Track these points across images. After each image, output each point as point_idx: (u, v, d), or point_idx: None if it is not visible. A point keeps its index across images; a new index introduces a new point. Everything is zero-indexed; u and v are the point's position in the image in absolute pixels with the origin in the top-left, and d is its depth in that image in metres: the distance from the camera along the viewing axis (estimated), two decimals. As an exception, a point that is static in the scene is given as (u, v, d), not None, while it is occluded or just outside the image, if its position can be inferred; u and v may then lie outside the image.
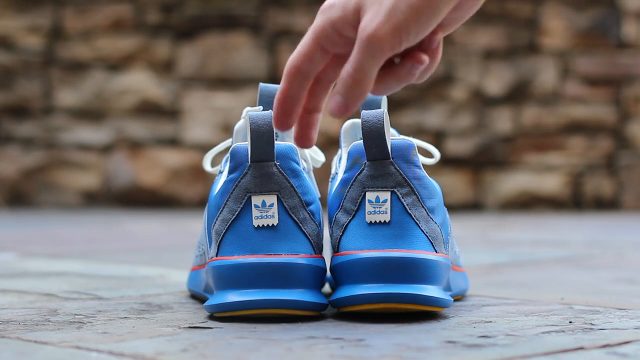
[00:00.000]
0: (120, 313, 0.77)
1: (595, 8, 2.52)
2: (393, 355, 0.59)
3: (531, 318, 0.73)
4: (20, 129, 2.54)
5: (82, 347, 0.62)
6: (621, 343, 0.63)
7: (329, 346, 0.62)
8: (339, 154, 0.82)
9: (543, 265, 1.19)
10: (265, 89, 0.81)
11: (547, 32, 2.51)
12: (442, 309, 0.73)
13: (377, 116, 0.72)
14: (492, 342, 0.64)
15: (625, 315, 0.75)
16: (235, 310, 0.71)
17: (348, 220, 0.73)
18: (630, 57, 2.52)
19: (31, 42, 2.53)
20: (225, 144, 0.83)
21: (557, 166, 2.52)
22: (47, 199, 2.53)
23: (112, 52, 2.53)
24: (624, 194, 2.52)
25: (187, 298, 0.86)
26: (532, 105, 2.51)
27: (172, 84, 2.52)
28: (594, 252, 1.36)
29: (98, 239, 1.67)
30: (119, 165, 2.54)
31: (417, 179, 0.73)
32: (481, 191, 2.52)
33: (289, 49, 2.49)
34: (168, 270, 1.12)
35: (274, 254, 0.71)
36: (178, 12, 2.52)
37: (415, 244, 0.72)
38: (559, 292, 0.91)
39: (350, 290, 0.71)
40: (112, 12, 2.52)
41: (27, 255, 1.31)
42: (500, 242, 1.58)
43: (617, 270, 1.13)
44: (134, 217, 2.24)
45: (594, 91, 2.51)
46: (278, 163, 0.72)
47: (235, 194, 0.72)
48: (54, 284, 0.97)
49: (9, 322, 0.72)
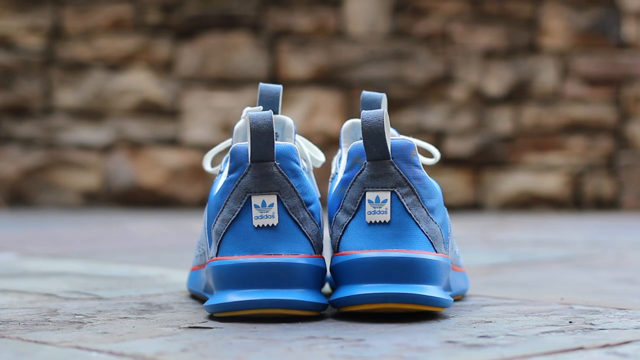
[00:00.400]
0: (120, 313, 0.77)
1: (595, 8, 2.52)
2: (393, 355, 0.59)
3: (531, 318, 0.73)
4: (20, 129, 2.54)
5: (82, 347, 0.62)
6: (621, 343, 0.63)
7: (329, 346, 0.62)
8: (339, 154, 0.82)
9: (543, 265, 1.19)
10: (265, 89, 0.81)
11: (547, 32, 2.51)
12: (442, 309, 0.73)
13: (377, 116, 0.72)
14: (492, 342, 0.64)
15: (625, 315, 0.75)
16: (235, 310, 0.71)
17: (348, 220, 0.73)
18: (630, 57, 2.52)
19: (31, 42, 2.53)
20: (225, 144, 0.83)
21: (557, 166, 2.52)
22: (47, 199, 2.53)
23: (112, 52, 2.53)
24: (624, 194, 2.52)
25: (187, 298, 0.86)
26: (532, 105, 2.51)
27: (172, 84, 2.52)
28: (594, 252, 1.36)
29: (98, 239, 1.67)
30: (119, 165, 2.54)
31: (417, 179, 0.73)
32: (481, 191, 2.52)
33: (289, 49, 2.49)
34: (168, 270, 1.12)
35: (274, 254, 0.71)
36: (178, 12, 2.52)
37: (415, 244, 0.72)
38: (559, 292, 0.91)
39: (350, 290, 0.72)
40: (112, 12, 2.52)
41: (27, 255, 1.30)
42: (500, 242, 1.58)
43: (617, 270, 1.13)
44: (134, 217, 2.24)
45: (594, 91, 2.51)
46: (278, 163, 0.72)
47: (235, 194, 0.72)
48: (54, 284, 0.97)
49: (9, 322, 0.72)
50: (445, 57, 2.50)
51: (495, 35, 2.50)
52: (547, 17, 2.51)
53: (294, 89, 2.48)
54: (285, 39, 2.50)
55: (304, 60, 2.49)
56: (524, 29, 2.51)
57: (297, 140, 0.81)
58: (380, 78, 2.48)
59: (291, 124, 0.80)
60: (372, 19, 2.49)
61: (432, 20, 2.50)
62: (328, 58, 2.49)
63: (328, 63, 2.49)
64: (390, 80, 2.48)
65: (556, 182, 2.51)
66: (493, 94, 2.51)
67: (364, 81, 2.47)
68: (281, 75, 2.50)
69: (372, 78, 2.48)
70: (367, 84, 2.46)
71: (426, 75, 2.49)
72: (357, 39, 2.49)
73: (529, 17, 2.51)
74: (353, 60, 2.49)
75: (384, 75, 2.48)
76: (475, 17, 2.50)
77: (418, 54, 2.49)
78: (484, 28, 2.50)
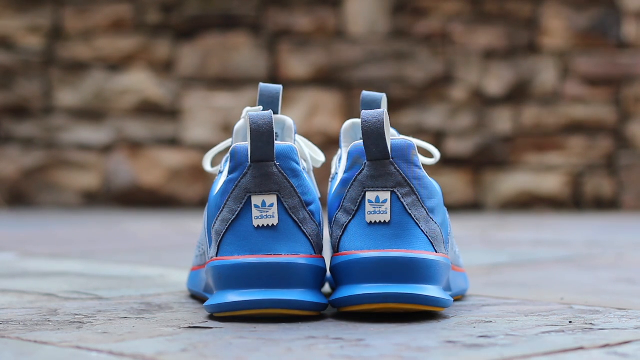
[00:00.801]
0: (120, 313, 0.77)
1: (595, 8, 2.52)
2: (393, 355, 0.59)
3: (531, 318, 0.73)
4: (20, 129, 2.54)
5: (82, 347, 0.62)
6: (621, 343, 0.63)
7: (329, 346, 0.62)
8: (339, 154, 0.82)
9: (543, 265, 1.19)
10: (265, 89, 0.81)
11: (547, 32, 2.51)
12: (442, 309, 0.73)
13: (377, 116, 0.72)
14: (492, 342, 0.64)
15: (625, 315, 0.75)
16: (235, 310, 0.71)
17: (348, 220, 0.73)
18: (630, 57, 2.52)
19: (31, 42, 2.53)
20: (225, 144, 0.83)
21: (557, 166, 2.52)
22: (47, 199, 2.53)
23: (112, 52, 2.53)
24: (624, 194, 2.52)
25: (187, 298, 0.86)
26: (532, 105, 2.51)
27: (172, 84, 2.52)
28: (594, 252, 1.36)
29: (98, 239, 1.67)
30: (119, 165, 2.54)
31: (417, 179, 0.73)
32: (481, 191, 2.52)
33: (289, 49, 2.50)
34: (168, 270, 1.12)
35: (274, 254, 0.71)
36: (178, 12, 2.52)
37: (415, 244, 0.72)
38: (559, 292, 0.91)
39: (350, 290, 0.72)
40: (112, 12, 2.52)
41: (27, 255, 1.30)
42: (500, 242, 1.58)
43: (617, 270, 1.13)
44: (134, 217, 2.24)
45: (594, 91, 2.51)
46: (278, 163, 0.72)
47: (235, 194, 0.72)
48: (54, 284, 0.97)
49: (9, 322, 0.72)
50: (445, 57, 2.50)
51: (495, 35, 2.50)
52: (547, 17, 2.51)
53: (294, 89, 2.48)
54: (285, 39, 2.50)
55: (304, 60, 2.49)
56: (524, 29, 2.51)
57: (297, 140, 0.81)
58: (380, 78, 2.48)
59: (291, 124, 0.80)
60: (372, 19, 2.49)
61: (432, 20, 2.50)
62: (328, 58, 2.49)
63: (328, 63, 2.49)
64: (390, 80, 2.48)
65: (556, 182, 2.51)
66: (493, 94, 2.51)
67: (364, 81, 2.47)
68: (281, 75, 2.50)
69: (372, 78, 2.48)
70: (367, 84, 2.46)
71: (426, 75, 2.49)
72: (357, 39, 2.49)
73: (529, 17, 2.51)
74: (353, 60, 2.49)
75: (384, 75, 2.48)
76: (475, 17, 2.50)
77: (418, 54, 2.49)
78: (484, 28, 2.50)
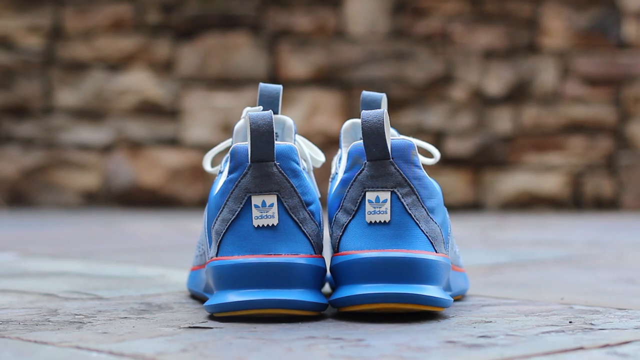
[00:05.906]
0: (120, 313, 0.77)
1: (595, 8, 2.52)
2: (393, 355, 0.59)
3: (531, 318, 0.73)
4: (20, 129, 2.54)
5: (82, 347, 0.62)
6: (621, 343, 0.63)
7: (329, 346, 0.62)
8: (339, 154, 0.82)
9: (543, 265, 1.19)
10: (265, 89, 0.81)
11: (547, 32, 2.51)
12: (442, 309, 0.73)
13: (377, 116, 0.72)
14: (492, 342, 0.64)
15: (625, 315, 0.75)
16: (235, 310, 0.71)
17: (348, 220, 0.73)
18: (630, 57, 2.52)
19: (31, 42, 2.53)
20: (225, 144, 0.83)
21: (557, 166, 2.52)
22: (47, 199, 2.53)
23: (112, 52, 2.53)
24: (624, 194, 2.52)
25: (187, 298, 0.86)
26: (532, 105, 2.51)
27: (172, 84, 2.52)
28: (594, 252, 1.36)
29: (98, 239, 1.67)
30: (119, 165, 2.54)
31: (417, 179, 0.73)
32: (481, 191, 2.52)
33: (289, 49, 2.50)
34: (168, 270, 1.12)
35: (274, 254, 0.71)
36: (178, 12, 2.52)
37: (415, 244, 0.72)
38: (559, 292, 0.91)
39: (350, 290, 0.72)
40: (112, 12, 2.52)
41: (27, 255, 1.30)
42: (500, 242, 1.58)
43: (617, 270, 1.13)
44: (134, 217, 2.24)
45: (594, 91, 2.51)
46: (278, 163, 0.72)
47: (235, 194, 0.72)
48: (54, 284, 0.97)
49: (9, 322, 0.72)
50: (445, 57, 2.50)
51: (495, 35, 2.50)
52: (547, 17, 2.51)
53: (294, 89, 2.48)
54: (285, 39, 2.50)
55: (304, 60, 2.49)
56: (524, 29, 2.51)
57: (297, 140, 0.81)
58: (380, 78, 2.48)
59: (291, 124, 0.80)
60: (372, 19, 2.49)
61: (432, 20, 2.50)
62: (328, 58, 2.49)
63: (328, 63, 2.49)
64: (390, 80, 2.48)
65: (556, 182, 2.51)
66: (493, 94, 2.51)
67: (364, 81, 2.47)
68: (281, 75, 2.50)
69: (372, 78, 2.48)
70: (367, 84, 2.46)
71: (426, 75, 2.49)
72: (357, 39, 2.49)
73: (529, 17, 2.51)
74: (353, 60, 2.49)
75: (384, 75, 2.48)
76: (475, 17, 2.50)
77: (418, 54, 2.49)
78: (484, 28, 2.50)
